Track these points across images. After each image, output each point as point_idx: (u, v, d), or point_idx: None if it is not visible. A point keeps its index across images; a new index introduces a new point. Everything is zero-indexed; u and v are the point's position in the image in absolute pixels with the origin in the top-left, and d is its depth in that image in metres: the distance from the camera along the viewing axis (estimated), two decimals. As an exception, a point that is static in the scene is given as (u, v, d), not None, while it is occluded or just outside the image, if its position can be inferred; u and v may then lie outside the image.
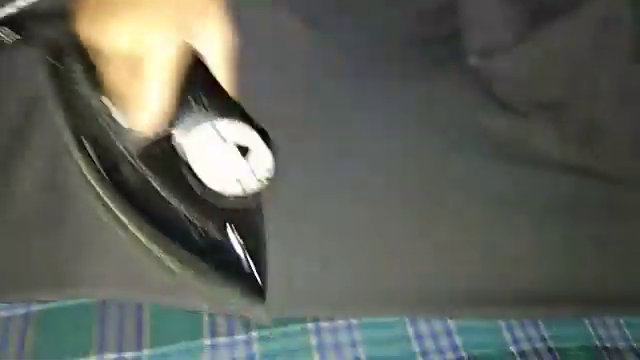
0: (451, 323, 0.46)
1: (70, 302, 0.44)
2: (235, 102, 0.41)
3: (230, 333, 0.43)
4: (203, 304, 0.44)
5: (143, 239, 0.40)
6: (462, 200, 0.51)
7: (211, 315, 0.44)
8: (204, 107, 0.39)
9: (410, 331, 0.45)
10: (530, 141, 0.54)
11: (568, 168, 0.54)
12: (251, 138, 0.40)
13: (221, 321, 0.44)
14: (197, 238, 0.39)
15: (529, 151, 0.55)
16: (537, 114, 0.55)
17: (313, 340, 0.44)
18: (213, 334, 0.43)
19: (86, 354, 0.41)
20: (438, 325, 0.46)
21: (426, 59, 0.60)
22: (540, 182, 0.52)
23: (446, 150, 0.54)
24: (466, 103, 0.58)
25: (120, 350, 0.42)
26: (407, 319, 0.46)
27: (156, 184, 0.39)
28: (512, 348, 0.45)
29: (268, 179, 0.41)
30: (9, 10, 0.44)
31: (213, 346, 0.43)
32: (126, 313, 0.43)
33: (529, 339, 0.46)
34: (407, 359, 0.44)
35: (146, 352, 0.42)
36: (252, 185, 0.40)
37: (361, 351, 0.44)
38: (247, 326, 0.44)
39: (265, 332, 0.44)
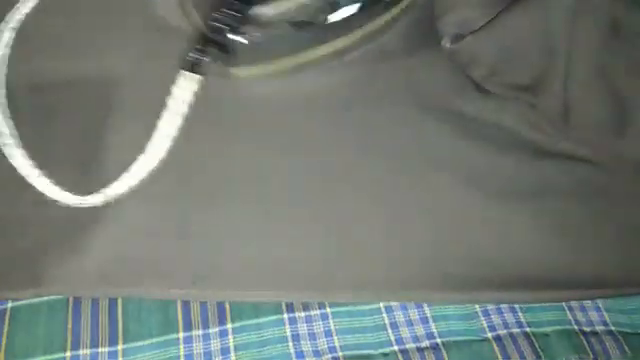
0: (427, 310, 0.46)
1: (44, 298, 0.44)
2: None
3: (204, 326, 0.43)
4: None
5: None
6: (436, 181, 0.51)
7: (185, 308, 0.44)
8: None
9: (386, 319, 0.45)
10: (504, 123, 0.54)
11: (544, 152, 0.53)
12: None
13: (195, 314, 0.44)
14: None
15: (504, 134, 0.55)
16: (511, 96, 0.55)
17: (288, 330, 0.44)
18: (187, 327, 0.43)
19: (61, 350, 0.41)
20: (414, 312, 0.46)
21: (403, 41, 0.60)
22: (515, 165, 0.52)
23: (422, 131, 0.54)
24: (441, 85, 0.58)
25: (95, 345, 0.42)
26: (382, 307, 0.46)
27: None
28: (489, 334, 0.45)
29: None
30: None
31: (187, 339, 0.43)
32: (100, 308, 0.43)
33: (506, 325, 0.46)
34: (382, 347, 0.44)
35: (120, 347, 0.42)
36: None
37: (336, 340, 0.44)
38: (221, 318, 0.44)
39: (239, 323, 0.44)
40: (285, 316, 0.44)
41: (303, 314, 0.45)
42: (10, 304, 0.43)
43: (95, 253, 0.44)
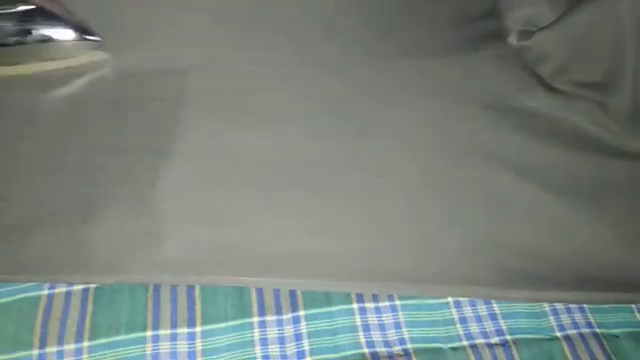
0: (495, 306, 0.46)
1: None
2: None
3: (278, 312, 0.45)
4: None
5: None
6: (497, 177, 0.51)
7: (259, 293, 0.45)
8: None
9: (454, 313, 0.46)
10: (570, 121, 0.54)
11: (610, 151, 0.53)
12: None
13: (269, 300, 0.45)
14: None
15: (569, 131, 0.54)
16: (579, 94, 0.55)
17: (358, 320, 0.45)
18: (261, 312, 0.45)
19: (142, 329, 0.43)
20: (482, 308, 0.46)
21: (466, 37, 0.60)
22: (579, 163, 0.52)
23: (483, 126, 0.54)
24: (505, 81, 0.58)
25: (174, 326, 0.43)
26: (451, 301, 0.46)
27: None
28: (558, 333, 0.45)
29: None
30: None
31: (261, 323, 0.44)
32: (178, 291, 0.45)
33: (575, 325, 0.46)
34: (452, 342, 0.44)
35: (199, 329, 0.44)
36: None
37: (405, 332, 0.44)
38: (294, 305, 0.45)
39: (311, 311, 0.45)
40: (355, 306, 0.45)
41: (372, 305, 0.45)
42: (93, 285, 0.45)
43: (172, 241, 0.46)
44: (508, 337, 0.45)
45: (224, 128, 0.52)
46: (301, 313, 0.45)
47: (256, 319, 0.44)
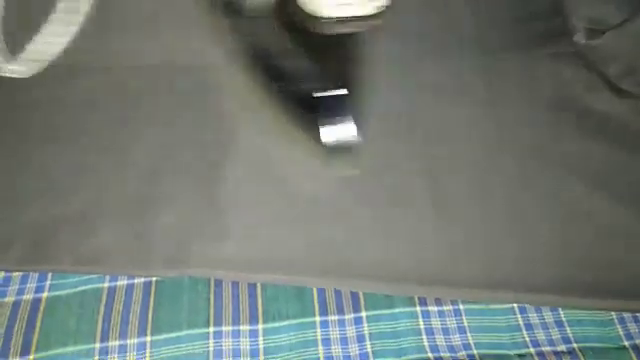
0: (562, 313, 0.45)
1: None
2: None
3: (339, 312, 0.44)
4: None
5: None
6: (563, 182, 0.50)
7: (320, 293, 0.45)
8: None
9: (520, 320, 0.45)
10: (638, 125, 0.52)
11: None
12: None
13: (330, 299, 0.45)
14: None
15: (636, 136, 0.52)
16: None
17: (421, 323, 0.44)
18: (323, 312, 0.44)
19: (205, 325, 0.43)
20: (548, 315, 0.45)
21: (529, 34, 0.58)
22: None
23: (548, 129, 0.53)
24: (570, 82, 0.56)
25: (237, 323, 0.43)
26: (516, 308, 0.45)
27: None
28: (626, 342, 0.44)
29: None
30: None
31: (323, 323, 0.43)
32: (240, 288, 0.45)
33: (643, 334, 0.45)
34: (518, 348, 0.43)
35: (261, 326, 0.43)
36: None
37: (470, 337, 0.43)
38: (356, 306, 0.44)
39: (373, 312, 0.44)
40: (418, 309, 0.44)
41: (436, 308, 0.45)
42: (155, 278, 0.45)
43: (234, 238, 0.46)
44: (575, 345, 0.43)
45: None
46: (363, 314, 0.44)
47: (318, 318, 0.44)
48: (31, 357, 0.41)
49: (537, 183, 0.49)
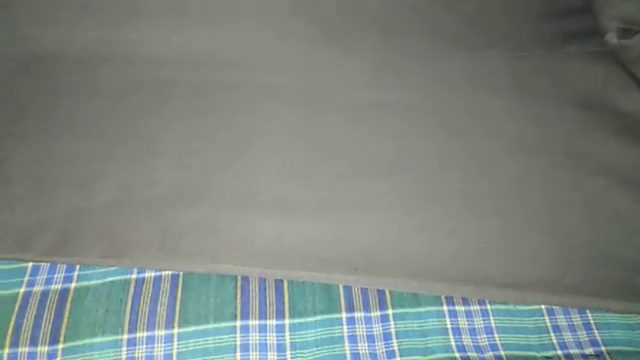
0: (590, 316, 0.44)
1: (213, 268, 0.45)
2: None
3: (366, 309, 0.44)
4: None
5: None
6: (592, 182, 0.49)
7: (347, 289, 0.45)
8: None
9: (547, 321, 0.44)
10: None
11: None
12: None
13: (357, 296, 0.44)
14: None
15: None
16: None
17: (448, 322, 0.44)
18: (349, 308, 0.44)
19: (231, 319, 0.43)
20: (576, 317, 0.44)
21: (559, 32, 0.58)
22: None
23: (576, 128, 0.52)
24: (600, 81, 0.55)
25: (263, 318, 0.43)
26: (544, 309, 0.45)
27: None
28: (655, 347, 0.44)
29: None
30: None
31: (350, 320, 0.43)
32: (267, 283, 0.44)
33: (672, 339, 0.44)
34: (545, 350, 0.43)
35: (287, 321, 0.43)
36: None
37: (497, 338, 0.43)
38: (382, 303, 0.44)
39: (400, 310, 0.44)
40: (445, 308, 0.44)
41: (463, 308, 0.44)
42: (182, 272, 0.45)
43: (262, 234, 0.45)
44: (603, 348, 0.43)
45: (313, 120, 0.51)
46: (389, 312, 0.44)
47: (344, 315, 0.43)
48: (60, 346, 0.41)
49: (566, 182, 0.49)
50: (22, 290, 0.43)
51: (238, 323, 0.43)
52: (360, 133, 0.51)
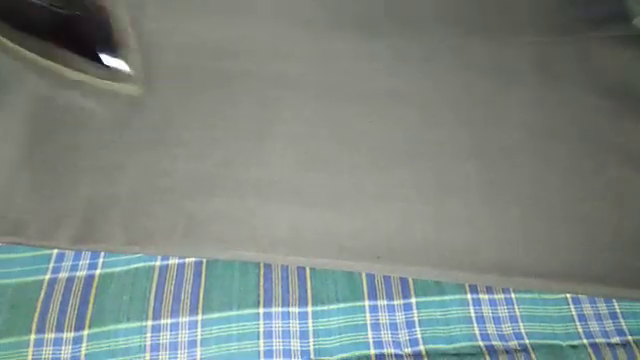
0: (616, 305, 0.44)
1: (236, 255, 0.45)
2: None
3: (389, 297, 0.44)
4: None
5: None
6: (615, 170, 0.48)
7: (369, 277, 0.44)
8: None
9: (572, 310, 0.44)
10: None
11: None
12: None
13: (379, 284, 0.44)
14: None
15: None
16: None
17: (472, 311, 0.43)
18: (372, 296, 0.44)
19: (254, 306, 0.43)
20: (602, 306, 0.44)
21: (584, 17, 0.57)
22: None
23: (604, 113, 0.51)
24: (626, 67, 0.54)
25: (286, 305, 0.43)
26: (569, 298, 0.44)
27: None
28: (683, 337, 0.43)
29: None
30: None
31: (373, 307, 0.43)
32: (289, 270, 0.44)
33: (700, 329, 0.43)
34: (571, 339, 0.42)
35: (310, 309, 0.43)
36: None
37: (522, 326, 0.43)
38: (405, 291, 0.44)
39: (423, 299, 0.44)
40: (469, 297, 0.44)
41: (487, 297, 0.44)
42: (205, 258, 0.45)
43: (283, 222, 0.45)
44: (630, 337, 0.43)
45: (330, 110, 0.51)
46: (413, 300, 0.44)
47: (367, 303, 0.43)
48: (85, 332, 0.41)
49: (592, 170, 0.48)
50: (47, 277, 0.44)
51: (261, 310, 0.43)
52: (378, 122, 0.50)
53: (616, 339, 0.43)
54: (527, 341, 0.42)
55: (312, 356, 0.41)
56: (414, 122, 0.50)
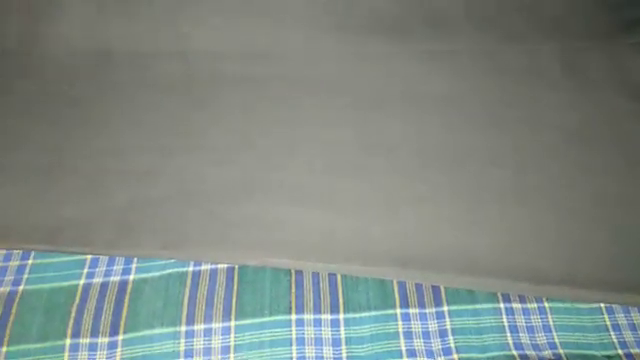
0: (652, 315, 0.44)
1: (267, 262, 0.45)
2: None
3: (420, 305, 0.44)
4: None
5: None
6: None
7: (401, 284, 0.44)
8: None
9: (607, 320, 0.43)
10: None
11: None
12: None
13: (411, 292, 0.44)
14: None
15: None
16: None
17: (505, 320, 0.43)
18: (404, 304, 0.43)
19: (287, 312, 0.43)
20: (637, 315, 0.43)
21: (615, 22, 0.56)
22: None
23: (627, 114, 0.51)
24: None
25: (318, 312, 0.43)
26: (603, 307, 0.44)
27: None
28: None
29: None
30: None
31: (405, 315, 0.43)
32: (320, 277, 0.45)
33: None
34: (605, 349, 0.42)
35: (342, 316, 0.43)
36: None
37: (556, 336, 0.42)
38: (437, 299, 0.44)
39: (455, 307, 0.43)
40: (502, 305, 0.44)
41: (520, 306, 0.44)
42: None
43: (315, 229, 0.45)
44: (666, 348, 0.42)
45: (361, 114, 0.51)
46: (445, 308, 0.43)
47: (399, 311, 0.43)
48: (120, 337, 0.42)
49: (624, 176, 0.48)
50: (82, 282, 0.44)
51: (293, 317, 0.43)
52: (410, 126, 0.50)
53: (652, 349, 0.42)
54: (561, 350, 0.42)
55: (345, 363, 0.41)
56: (447, 126, 0.50)
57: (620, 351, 0.42)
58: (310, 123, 0.51)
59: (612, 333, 0.43)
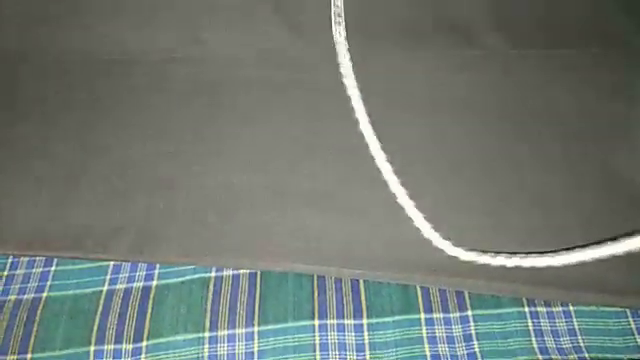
0: (678, 319, 0.43)
1: (290, 267, 0.45)
2: None
3: (444, 310, 0.43)
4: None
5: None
6: None
7: (424, 289, 0.44)
8: None
9: (632, 323, 0.43)
10: None
11: None
12: None
13: (435, 296, 0.44)
14: None
15: None
16: None
17: (530, 324, 0.43)
18: (428, 309, 0.43)
19: (309, 318, 0.43)
20: (664, 320, 0.43)
21: (634, 27, 0.56)
22: None
23: None
24: None
25: (340, 317, 0.43)
26: (628, 311, 0.43)
27: None
28: None
29: None
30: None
31: (429, 321, 0.43)
32: (343, 282, 0.44)
33: None
34: (631, 353, 0.42)
35: (365, 321, 0.43)
36: None
37: (581, 340, 0.42)
38: (461, 304, 0.44)
39: (480, 312, 0.43)
40: (527, 309, 0.43)
41: (545, 309, 0.43)
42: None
43: (336, 235, 0.45)
44: (693, 353, 0.42)
45: (381, 120, 0.50)
46: (469, 313, 0.43)
47: (423, 316, 0.43)
48: (144, 344, 0.42)
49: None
50: (105, 288, 0.44)
51: (316, 322, 0.43)
52: (430, 133, 0.50)
53: (679, 354, 0.42)
54: (587, 355, 0.41)
55: (369, 369, 0.41)
56: (468, 133, 0.50)
57: (646, 355, 0.42)
58: (327, 130, 0.51)
59: (637, 337, 0.42)
